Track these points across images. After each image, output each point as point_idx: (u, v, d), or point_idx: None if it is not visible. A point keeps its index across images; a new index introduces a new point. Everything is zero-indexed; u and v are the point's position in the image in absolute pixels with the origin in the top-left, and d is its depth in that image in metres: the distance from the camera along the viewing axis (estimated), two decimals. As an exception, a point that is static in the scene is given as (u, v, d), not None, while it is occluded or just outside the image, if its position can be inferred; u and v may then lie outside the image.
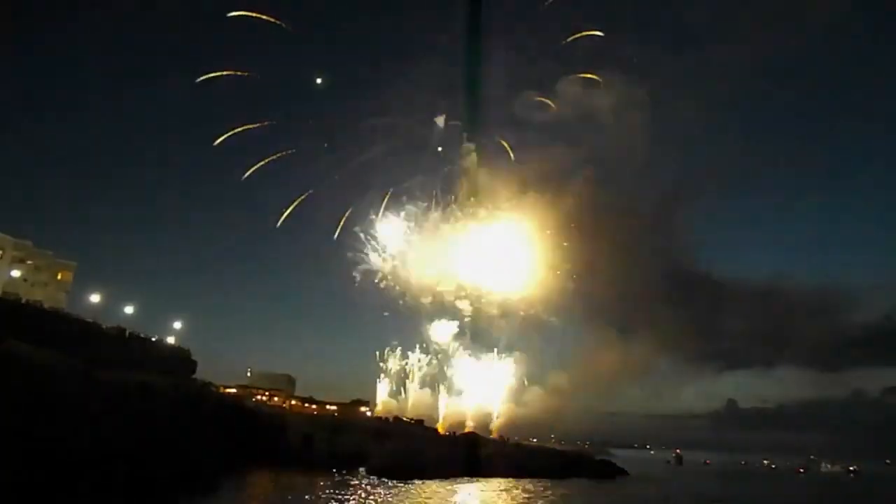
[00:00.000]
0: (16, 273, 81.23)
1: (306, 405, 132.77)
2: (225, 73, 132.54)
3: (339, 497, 69.49)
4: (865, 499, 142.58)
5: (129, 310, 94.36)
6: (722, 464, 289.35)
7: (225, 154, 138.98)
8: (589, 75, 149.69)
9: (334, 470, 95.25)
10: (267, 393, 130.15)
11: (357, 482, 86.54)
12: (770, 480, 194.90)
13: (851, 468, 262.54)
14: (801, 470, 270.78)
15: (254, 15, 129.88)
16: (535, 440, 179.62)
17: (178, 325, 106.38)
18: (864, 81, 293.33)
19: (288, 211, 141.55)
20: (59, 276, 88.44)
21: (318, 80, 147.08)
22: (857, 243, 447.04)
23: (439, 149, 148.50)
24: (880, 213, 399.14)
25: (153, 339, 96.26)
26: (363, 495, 73.57)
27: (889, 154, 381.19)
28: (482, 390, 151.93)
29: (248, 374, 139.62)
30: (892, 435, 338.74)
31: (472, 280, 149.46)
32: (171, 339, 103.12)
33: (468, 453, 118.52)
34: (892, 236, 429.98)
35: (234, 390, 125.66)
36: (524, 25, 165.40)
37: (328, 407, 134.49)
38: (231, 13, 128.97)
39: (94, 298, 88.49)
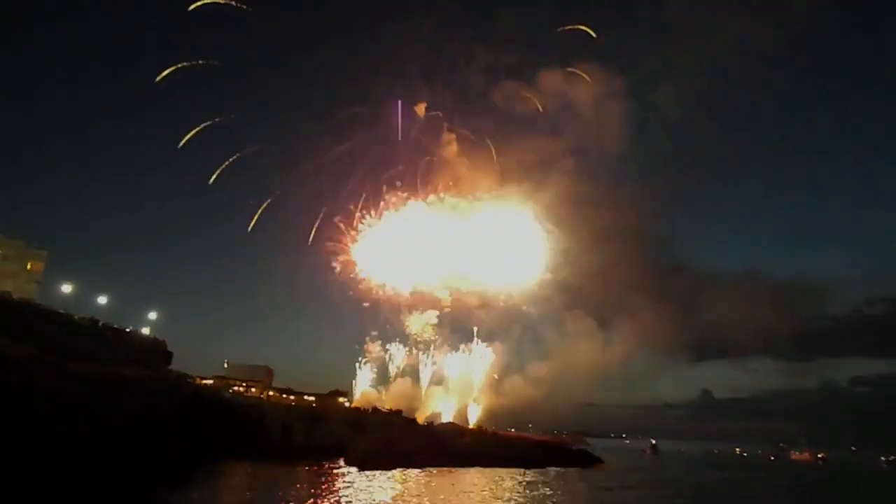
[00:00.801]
0: (-16, 263, 79.47)
1: (284, 396, 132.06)
2: (185, 64, 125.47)
3: (318, 488, 69.60)
4: (829, 483, 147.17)
5: (102, 300, 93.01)
6: (696, 452, 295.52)
7: (201, 145, 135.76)
8: (570, 69, 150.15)
9: (313, 461, 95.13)
10: (244, 384, 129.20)
11: (335, 473, 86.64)
12: (741, 468, 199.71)
13: (819, 455, 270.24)
14: (772, 458, 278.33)
15: (216, 0, 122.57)
16: (513, 430, 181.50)
17: (153, 315, 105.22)
18: (842, 77, 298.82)
19: (257, 215, 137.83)
20: (29, 266, 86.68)
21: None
22: (830, 239, 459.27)
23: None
24: (854, 210, 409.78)
25: (127, 330, 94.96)
26: (341, 486, 73.77)
27: (862, 152, 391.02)
28: (461, 380, 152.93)
29: (225, 366, 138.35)
30: (858, 423, 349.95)
31: (451, 270, 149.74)
32: (145, 330, 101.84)
33: (446, 443, 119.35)
34: (863, 233, 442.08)
35: (210, 382, 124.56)
36: (506, 16, 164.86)
37: (306, 398, 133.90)
38: (193, 5, 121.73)
39: (66, 289, 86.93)
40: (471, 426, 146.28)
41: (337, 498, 64.19)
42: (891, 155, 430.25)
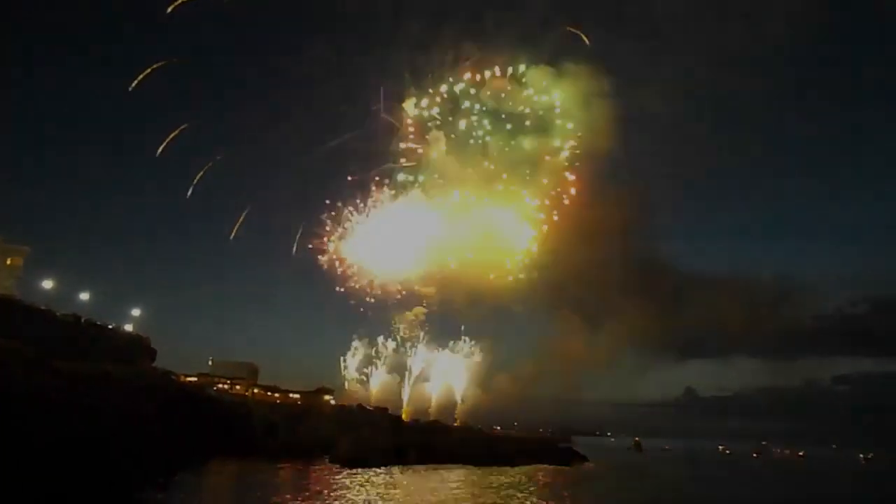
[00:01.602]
0: (-38, 258, 78.24)
1: (269, 394, 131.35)
2: (174, 60, 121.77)
3: (300, 487, 69.46)
4: (808, 478, 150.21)
5: (84, 296, 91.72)
6: (679, 450, 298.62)
7: (187, 141, 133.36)
8: (558, 68, 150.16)
9: (298, 459, 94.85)
10: (229, 381, 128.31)
11: (320, 471, 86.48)
12: (723, 465, 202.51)
13: (800, 453, 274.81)
14: (754, 455, 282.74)
15: None
16: (498, 427, 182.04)
17: (136, 312, 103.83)
18: (830, 77, 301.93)
19: (241, 218, 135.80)
20: (8, 262, 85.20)
21: None
22: (813, 239, 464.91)
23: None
24: (836, 209, 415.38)
25: (110, 327, 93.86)
26: (324, 485, 73.66)
27: (845, 151, 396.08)
28: (447, 378, 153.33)
29: (210, 363, 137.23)
30: (840, 421, 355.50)
31: (439, 268, 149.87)
32: (128, 327, 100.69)
33: (432, 441, 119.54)
34: (845, 233, 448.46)
35: (195, 379, 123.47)
36: (495, 15, 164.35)
37: (292, 395, 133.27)
38: (171, 7, 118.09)
39: (47, 285, 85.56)
40: (456, 424, 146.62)
41: (320, 497, 64.12)
42: (875, 155, 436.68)
